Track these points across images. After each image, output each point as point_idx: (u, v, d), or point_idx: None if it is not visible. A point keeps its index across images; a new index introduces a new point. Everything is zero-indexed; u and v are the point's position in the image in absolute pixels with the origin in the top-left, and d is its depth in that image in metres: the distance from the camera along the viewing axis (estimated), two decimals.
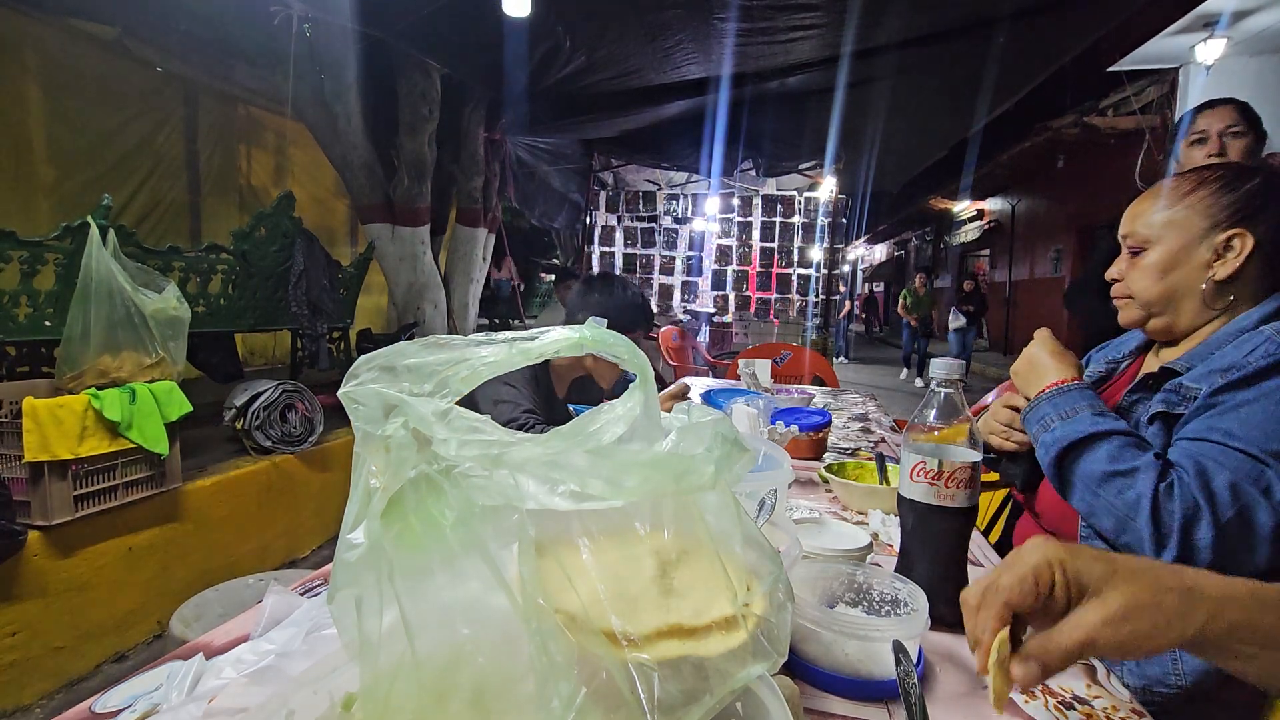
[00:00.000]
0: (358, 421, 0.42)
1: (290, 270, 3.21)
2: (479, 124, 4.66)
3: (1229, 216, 0.88)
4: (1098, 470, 0.83)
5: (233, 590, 1.52)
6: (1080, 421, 0.86)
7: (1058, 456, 0.87)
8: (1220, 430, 0.78)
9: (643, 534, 0.44)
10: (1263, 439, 0.76)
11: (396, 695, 0.39)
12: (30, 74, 3.57)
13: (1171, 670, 0.81)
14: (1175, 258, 0.91)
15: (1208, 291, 0.90)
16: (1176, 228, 0.91)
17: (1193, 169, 0.95)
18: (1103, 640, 0.44)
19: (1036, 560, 0.46)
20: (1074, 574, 0.45)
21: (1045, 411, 0.91)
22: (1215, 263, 0.89)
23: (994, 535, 1.35)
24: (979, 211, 13.44)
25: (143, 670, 0.64)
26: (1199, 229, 0.90)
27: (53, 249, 2.19)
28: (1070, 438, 0.86)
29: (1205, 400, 0.82)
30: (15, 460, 1.92)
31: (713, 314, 7.61)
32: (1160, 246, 0.93)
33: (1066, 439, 0.86)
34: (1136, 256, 0.95)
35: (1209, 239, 0.89)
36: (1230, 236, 0.88)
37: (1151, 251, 0.93)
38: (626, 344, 0.48)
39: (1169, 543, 0.76)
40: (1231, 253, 0.88)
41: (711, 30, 3.43)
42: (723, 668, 0.39)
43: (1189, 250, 0.90)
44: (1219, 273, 0.89)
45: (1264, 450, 0.76)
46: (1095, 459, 0.83)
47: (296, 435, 2.93)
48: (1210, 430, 0.79)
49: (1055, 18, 3.29)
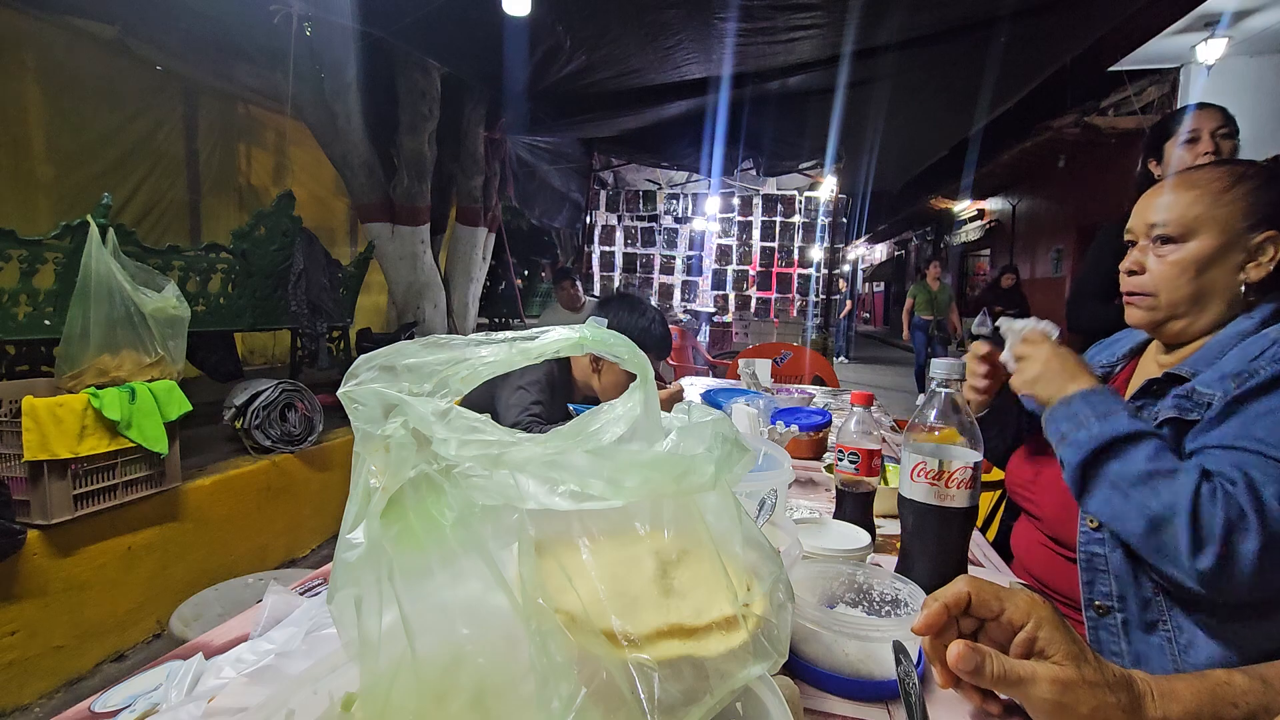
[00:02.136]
0: (357, 421, 0.42)
1: (290, 269, 3.21)
2: (479, 123, 4.66)
3: (1268, 217, 0.84)
4: (1134, 470, 0.78)
5: (232, 590, 1.52)
6: (1117, 421, 0.80)
7: (1091, 454, 0.81)
8: (1255, 439, 0.75)
9: (643, 534, 0.44)
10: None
11: (396, 695, 0.39)
12: (30, 73, 3.57)
13: (1172, 670, 0.81)
14: (1213, 255, 0.85)
15: (1236, 294, 0.86)
16: (1216, 224, 0.85)
17: (1222, 162, 0.91)
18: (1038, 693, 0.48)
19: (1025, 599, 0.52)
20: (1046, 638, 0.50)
21: (1079, 409, 0.84)
22: (1249, 265, 0.85)
23: (991, 533, 1.35)
24: (979, 211, 13.43)
25: (142, 670, 0.64)
26: (1239, 227, 0.84)
27: (52, 248, 2.19)
28: (1108, 435, 0.80)
29: (1225, 407, 0.79)
30: (15, 459, 1.92)
31: (713, 314, 7.61)
32: (1196, 242, 0.86)
33: (1104, 436, 0.80)
34: (1165, 247, 0.89)
35: (1245, 239, 0.84)
36: (1265, 238, 0.84)
37: (1187, 246, 0.87)
38: (626, 344, 0.48)
39: (1207, 548, 0.72)
40: (1264, 255, 0.84)
41: (712, 30, 3.43)
42: (723, 668, 0.39)
43: (1227, 249, 0.85)
44: (1251, 275, 0.84)
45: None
46: (1133, 459, 0.78)
47: (296, 435, 2.93)
48: (1244, 439, 0.76)
49: (1055, 18, 3.28)
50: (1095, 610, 0.87)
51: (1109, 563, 0.85)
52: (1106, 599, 0.85)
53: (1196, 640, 0.78)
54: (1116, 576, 0.84)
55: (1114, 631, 0.85)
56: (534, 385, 1.68)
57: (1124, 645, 0.84)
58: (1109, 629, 0.85)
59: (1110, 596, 0.85)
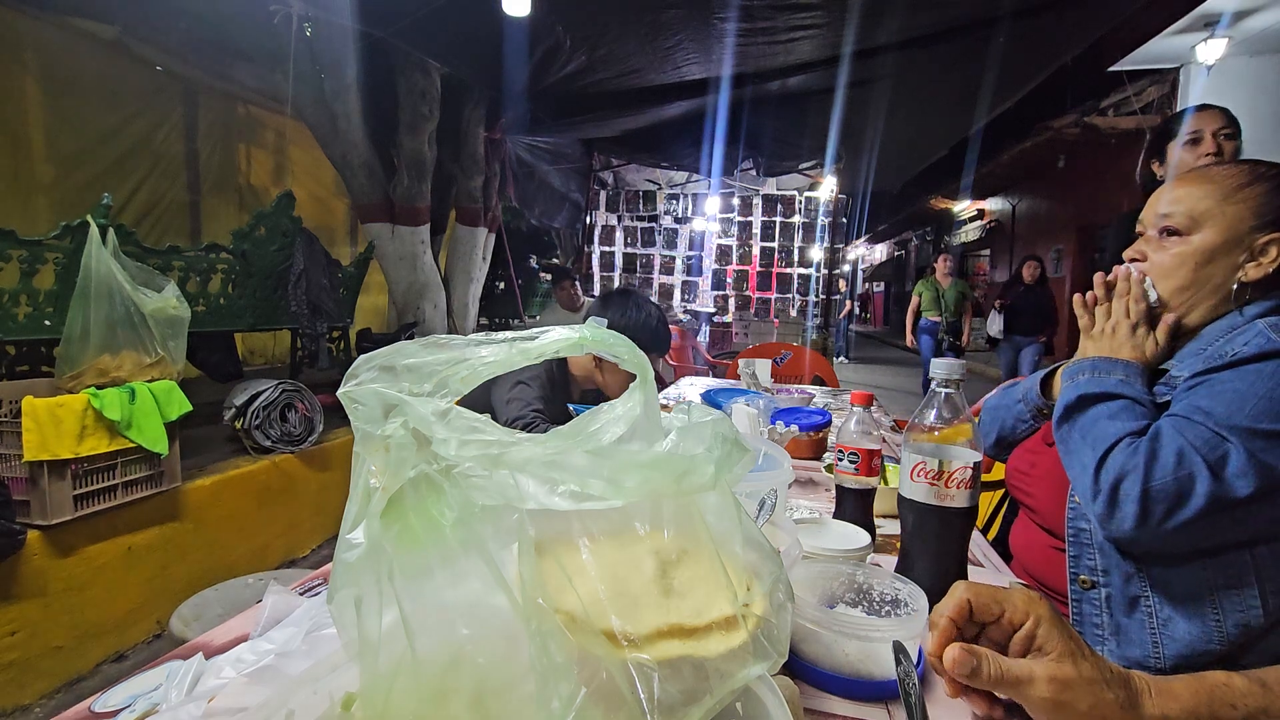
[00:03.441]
0: (357, 421, 0.42)
1: (290, 270, 3.21)
2: (479, 123, 4.66)
3: (1277, 220, 0.85)
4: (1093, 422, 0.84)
5: (232, 590, 1.52)
6: (1105, 382, 0.86)
7: (1070, 404, 0.87)
8: (1194, 407, 0.77)
9: (643, 534, 0.44)
10: (1227, 414, 0.74)
11: (396, 695, 0.39)
12: (30, 73, 3.57)
13: (1151, 653, 0.81)
14: (1215, 251, 0.86)
15: (1229, 292, 0.87)
16: (1225, 220, 0.86)
17: (1242, 161, 0.91)
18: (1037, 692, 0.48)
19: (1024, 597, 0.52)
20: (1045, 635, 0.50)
21: (1084, 365, 0.90)
22: (1248, 264, 0.86)
23: (991, 533, 1.35)
24: (979, 211, 13.44)
25: (142, 670, 0.64)
26: (1246, 226, 0.85)
27: (52, 248, 2.19)
28: (1089, 390, 0.86)
29: (1187, 382, 0.82)
30: (15, 460, 1.92)
31: (713, 314, 7.61)
32: (1201, 235, 0.87)
33: (1084, 390, 0.86)
34: (1170, 239, 0.90)
35: (1250, 239, 0.85)
36: (1270, 240, 0.84)
37: (1193, 238, 0.88)
38: (626, 343, 0.48)
39: (1100, 496, 0.78)
40: (1266, 257, 0.85)
41: (711, 30, 3.43)
42: (723, 668, 0.39)
43: (1230, 246, 0.86)
44: (1250, 274, 0.85)
45: (1228, 424, 0.74)
46: (1097, 413, 0.84)
47: (296, 435, 2.93)
48: (1185, 408, 0.78)
49: (1056, 17, 3.29)
50: (1080, 584, 0.88)
51: (1094, 536, 0.87)
52: (1091, 573, 0.87)
53: (1175, 618, 0.80)
54: (1101, 550, 0.86)
55: (1096, 605, 0.87)
56: (534, 380, 1.67)
57: (1105, 618, 0.86)
58: (1092, 602, 0.87)
59: (1095, 571, 0.87)
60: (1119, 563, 0.84)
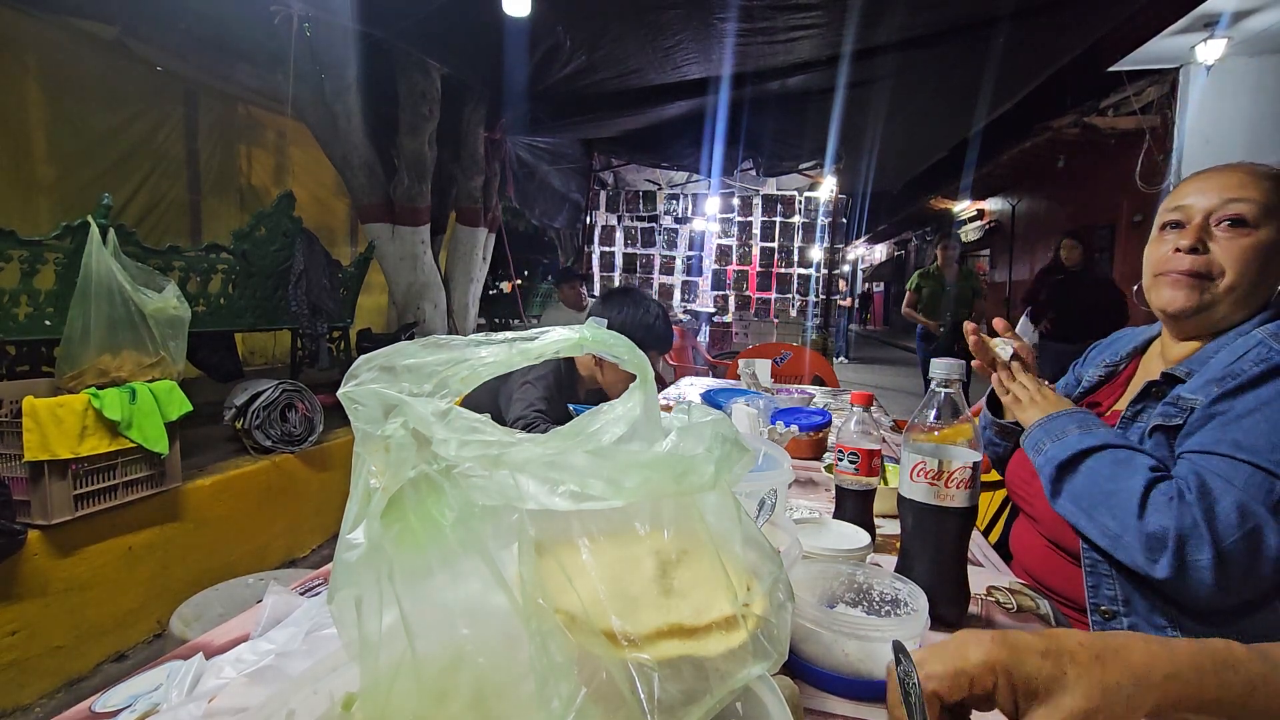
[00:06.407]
0: (357, 421, 0.42)
1: (290, 270, 3.22)
2: (479, 124, 4.66)
3: None
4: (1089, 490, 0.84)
5: (232, 590, 1.52)
6: (1068, 443, 0.88)
7: (1052, 475, 0.88)
8: (1228, 442, 0.76)
9: (643, 534, 0.44)
10: (1269, 449, 0.74)
11: (396, 695, 0.39)
12: (30, 74, 3.57)
13: None
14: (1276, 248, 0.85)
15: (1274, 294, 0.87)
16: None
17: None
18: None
19: (978, 661, 0.44)
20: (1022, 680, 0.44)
21: (1038, 436, 0.93)
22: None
23: (993, 536, 1.35)
24: (979, 211, 13.43)
25: (143, 670, 0.64)
26: None
27: (53, 248, 2.19)
28: (1060, 457, 0.87)
29: (1205, 411, 0.81)
30: (15, 460, 1.92)
31: (713, 314, 7.61)
32: (1266, 230, 0.86)
33: (1057, 458, 0.88)
34: (1235, 229, 0.87)
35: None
36: None
37: (1258, 233, 0.86)
38: (626, 344, 0.48)
39: (1161, 559, 0.75)
40: None
41: (711, 30, 3.43)
42: (723, 668, 0.39)
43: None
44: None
45: (1273, 461, 0.73)
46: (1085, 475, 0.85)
47: (296, 435, 2.93)
48: (1218, 443, 0.77)
49: (1055, 18, 3.28)
50: (1101, 615, 0.86)
51: (1112, 565, 0.85)
52: (1112, 603, 0.85)
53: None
54: (1121, 580, 0.84)
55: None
56: (540, 380, 1.68)
57: None
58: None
59: (1116, 600, 0.85)
60: (1141, 591, 0.83)
